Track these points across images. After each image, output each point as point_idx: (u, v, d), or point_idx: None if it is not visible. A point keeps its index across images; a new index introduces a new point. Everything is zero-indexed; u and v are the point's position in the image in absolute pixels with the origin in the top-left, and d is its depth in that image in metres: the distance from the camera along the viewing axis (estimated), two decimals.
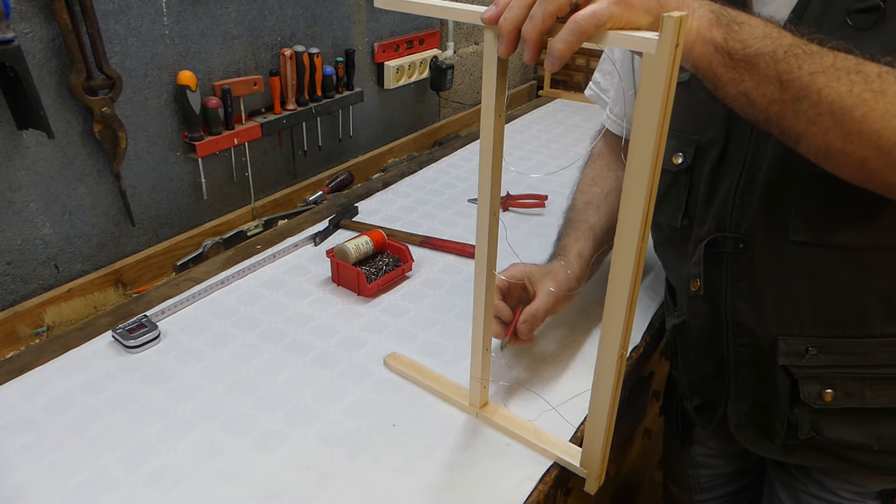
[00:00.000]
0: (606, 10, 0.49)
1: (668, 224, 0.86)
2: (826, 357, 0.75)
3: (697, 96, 0.77)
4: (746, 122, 0.73)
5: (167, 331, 0.94)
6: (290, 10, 1.28)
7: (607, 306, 0.61)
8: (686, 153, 0.80)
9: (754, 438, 0.84)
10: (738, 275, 0.78)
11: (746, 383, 0.82)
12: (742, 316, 0.79)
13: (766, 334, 0.78)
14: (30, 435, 0.77)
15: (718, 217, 0.77)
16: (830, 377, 0.75)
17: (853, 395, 0.75)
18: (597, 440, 0.69)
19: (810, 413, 0.77)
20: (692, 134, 0.79)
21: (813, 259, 0.72)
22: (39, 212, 0.99)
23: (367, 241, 1.08)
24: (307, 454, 0.75)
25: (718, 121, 0.76)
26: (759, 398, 0.82)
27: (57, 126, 0.96)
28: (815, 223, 0.70)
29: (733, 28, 0.57)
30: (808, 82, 0.56)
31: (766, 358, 0.78)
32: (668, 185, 0.83)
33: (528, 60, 0.54)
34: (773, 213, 0.72)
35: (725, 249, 0.77)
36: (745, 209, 0.75)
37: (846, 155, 0.57)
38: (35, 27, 0.91)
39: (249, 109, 1.25)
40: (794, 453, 0.81)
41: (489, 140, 0.63)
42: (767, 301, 0.76)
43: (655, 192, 0.55)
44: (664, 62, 0.48)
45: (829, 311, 0.74)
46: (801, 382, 0.76)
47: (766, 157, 0.72)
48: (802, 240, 0.71)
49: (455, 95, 1.87)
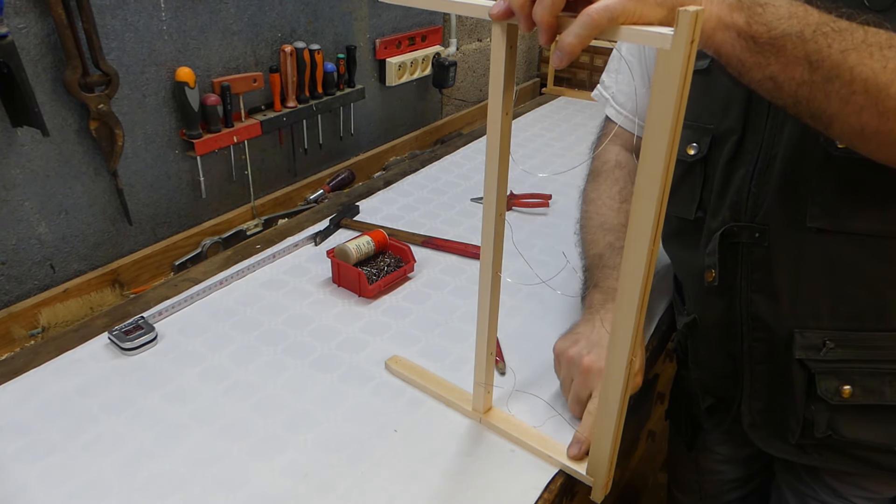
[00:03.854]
0: (620, 3, 0.47)
1: (679, 217, 0.83)
2: (844, 351, 0.72)
3: (715, 84, 0.75)
4: (763, 110, 0.71)
5: (164, 332, 0.93)
6: (290, 6, 1.26)
7: (616, 313, 0.59)
8: (701, 143, 0.78)
9: (768, 438, 0.82)
10: (753, 265, 0.75)
11: (761, 380, 0.80)
12: (758, 308, 0.77)
13: (782, 327, 0.75)
14: (22, 440, 0.75)
15: (733, 207, 0.75)
16: (848, 372, 0.73)
17: (872, 392, 0.73)
18: (604, 447, 0.67)
19: (827, 410, 0.74)
20: (708, 123, 0.77)
21: (831, 247, 0.70)
22: (35, 211, 0.97)
23: (369, 241, 1.06)
24: (306, 461, 0.73)
25: (736, 109, 0.73)
26: (774, 395, 0.79)
27: (52, 123, 0.94)
28: (832, 209, 0.68)
29: (756, 10, 0.54)
30: (839, 61, 0.53)
31: (782, 353, 0.76)
32: (682, 177, 0.80)
33: (544, 43, 0.51)
34: (790, 201, 0.70)
35: (741, 240, 0.75)
36: (760, 197, 0.73)
37: (883, 134, 0.55)
38: (30, 22, 0.89)
39: (249, 107, 1.23)
40: (810, 454, 0.79)
41: (496, 139, 0.61)
42: (784, 292, 0.74)
43: (668, 192, 0.53)
44: (679, 58, 0.46)
45: (847, 303, 0.72)
46: (818, 378, 0.74)
47: (783, 142, 0.70)
48: (820, 227, 0.69)
49: (458, 93, 1.84)
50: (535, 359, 0.90)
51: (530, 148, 1.62)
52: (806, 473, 0.86)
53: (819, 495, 0.85)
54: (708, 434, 1.03)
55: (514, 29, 0.55)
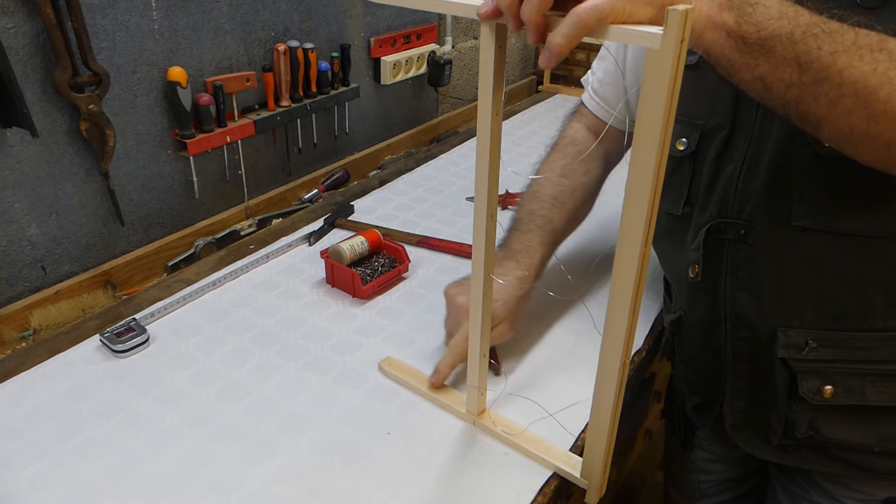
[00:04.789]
0: (608, 2, 0.47)
1: (667, 213, 0.83)
2: (826, 351, 0.72)
3: (705, 80, 0.74)
4: (752, 106, 0.71)
5: (157, 334, 0.92)
6: (283, 5, 1.25)
7: (609, 314, 0.58)
8: (690, 138, 0.77)
9: (750, 438, 0.82)
10: (738, 263, 0.75)
11: (744, 379, 0.80)
12: (741, 306, 0.76)
13: (765, 326, 0.75)
14: (12, 444, 0.74)
15: (720, 203, 0.75)
16: (830, 372, 0.73)
17: (853, 392, 0.72)
18: (598, 450, 0.66)
19: (809, 410, 0.74)
20: (697, 119, 0.76)
21: (815, 246, 0.69)
22: (25, 212, 0.96)
23: (363, 241, 1.06)
24: (299, 464, 0.73)
25: (725, 105, 0.73)
26: (756, 395, 0.79)
27: (42, 124, 0.93)
28: (818, 208, 0.68)
29: (746, 10, 0.54)
30: (828, 63, 0.53)
31: (765, 352, 0.76)
32: (671, 172, 0.80)
33: (532, 42, 0.51)
34: (776, 198, 0.70)
35: (727, 236, 0.75)
36: (747, 194, 0.72)
37: (872, 138, 0.55)
38: (18, 22, 0.88)
39: (242, 106, 1.22)
40: (792, 454, 0.79)
41: (486, 139, 0.60)
42: (767, 290, 0.74)
43: (660, 192, 0.52)
44: (669, 58, 0.45)
45: (830, 303, 0.71)
46: (800, 377, 0.74)
47: (771, 139, 0.69)
48: (805, 225, 0.69)
49: (453, 91, 1.84)
50: (531, 360, 0.90)
51: (526, 146, 1.62)
52: (798, 475, 0.86)
53: (812, 497, 0.85)
54: (700, 433, 1.03)
55: (502, 28, 0.54)
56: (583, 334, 0.95)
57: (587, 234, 1.18)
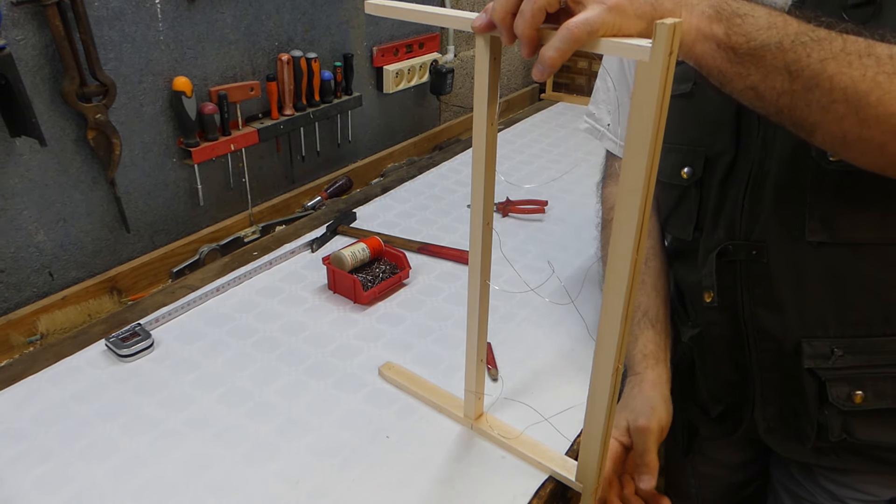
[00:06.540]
0: (599, 17, 0.48)
1: (677, 238, 0.84)
2: (853, 357, 0.72)
3: (702, 107, 0.76)
4: (753, 129, 0.72)
5: (161, 339, 0.93)
6: (287, 15, 1.27)
7: (602, 321, 0.59)
8: (695, 166, 0.78)
9: (785, 441, 0.82)
10: (754, 281, 0.76)
11: (772, 388, 0.80)
12: (762, 322, 0.77)
13: (789, 338, 0.75)
14: (18, 446, 0.76)
15: (728, 226, 0.76)
16: (860, 378, 0.73)
17: (885, 396, 0.72)
18: (592, 454, 0.67)
19: (840, 415, 0.74)
20: (699, 146, 0.77)
21: (832, 259, 0.70)
22: (33, 219, 0.98)
23: (364, 248, 1.07)
24: (299, 467, 0.74)
25: (727, 130, 0.74)
26: (786, 402, 0.80)
27: (50, 133, 0.95)
28: (832, 222, 0.68)
29: (735, 21, 0.55)
30: (818, 70, 0.54)
31: (791, 361, 0.76)
32: (678, 200, 0.81)
33: (526, 56, 0.52)
34: (786, 216, 0.71)
35: (738, 257, 0.76)
36: (755, 214, 0.73)
37: (864, 141, 0.56)
38: (28, 34, 0.90)
39: (246, 115, 1.24)
40: (829, 455, 0.79)
41: (482, 149, 0.62)
42: (788, 305, 0.74)
43: (651, 203, 0.53)
44: (658, 70, 0.47)
45: (852, 311, 0.72)
46: (829, 384, 0.74)
47: (774, 159, 0.70)
48: (820, 240, 0.69)
49: (455, 99, 1.85)
50: (528, 365, 0.91)
51: (528, 154, 1.63)
52: (802, 477, 0.86)
53: (815, 498, 0.85)
54: (705, 440, 1.03)
55: (497, 41, 0.56)
56: (579, 340, 0.96)
57: (583, 240, 1.19)
